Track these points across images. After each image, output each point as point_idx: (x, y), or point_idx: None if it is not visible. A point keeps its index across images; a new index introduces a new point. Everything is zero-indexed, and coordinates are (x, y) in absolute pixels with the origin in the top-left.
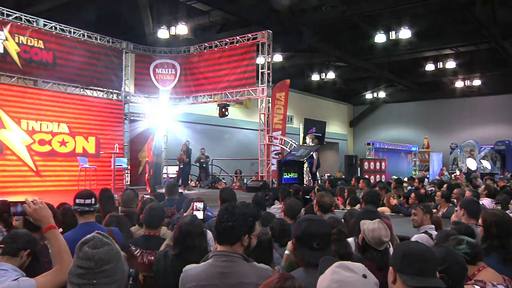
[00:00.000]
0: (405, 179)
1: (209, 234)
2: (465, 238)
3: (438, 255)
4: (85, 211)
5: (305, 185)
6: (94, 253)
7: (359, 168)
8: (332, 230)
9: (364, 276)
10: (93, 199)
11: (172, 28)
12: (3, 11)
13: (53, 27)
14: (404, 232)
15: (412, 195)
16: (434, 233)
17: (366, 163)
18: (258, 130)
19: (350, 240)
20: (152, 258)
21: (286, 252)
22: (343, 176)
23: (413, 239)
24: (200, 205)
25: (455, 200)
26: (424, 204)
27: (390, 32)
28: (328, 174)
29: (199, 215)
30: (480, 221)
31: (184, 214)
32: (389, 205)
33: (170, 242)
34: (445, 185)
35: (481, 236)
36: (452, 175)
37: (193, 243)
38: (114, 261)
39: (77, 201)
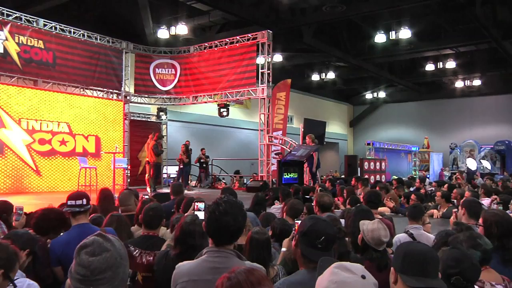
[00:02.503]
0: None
1: None
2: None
3: (452, 257)
4: (76, 212)
5: (304, 185)
6: (91, 262)
7: (359, 168)
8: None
9: (363, 276)
10: (84, 200)
11: (172, 28)
12: (3, 11)
13: (53, 27)
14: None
15: (412, 196)
16: (419, 232)
17: (366, 163)
18: (258, 130)
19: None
20: (151, 258)
21: (283, 249)
22: (343, 176)
23: (394, 238)
24: (201, 205)
25: (455, 201)
26: (410, 207)
27: (390, 32)
28: (332, 175)
29: (200, 215)
30: (480, 220)
31: (185, 214)
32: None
33: (171, 242)
34: (445, 185)
35: None
36: (453, 177)
37: (195, 242)
38: (113, 268)
39: (69, 202)
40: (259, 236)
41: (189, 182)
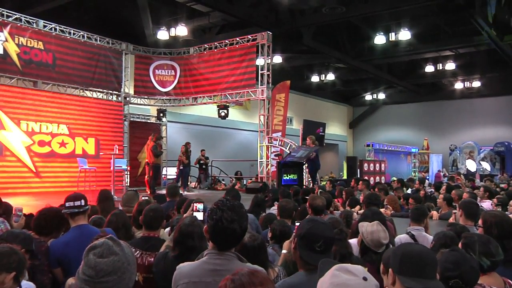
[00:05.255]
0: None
1: None
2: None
3: (451, 260)
4: (75, 213)
5: (304, 186)
6: (97, 263)
7: (358, 170)
8: (334, 230)
9: (365, 278)
10: (82, 201)
11: (172, 29)
12: (3, 12)
13: (53, 28)
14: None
15: (410, 200)
16: (420, 233)
17: (365, 165)
18: (257, 131)
19: (354, 241)
20: (152, 259)
21: (284, 251)
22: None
23: (395, 239)
24: (200, 206)
25: (456, 205)
26: (413, 209)
27: (390, 34)
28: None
29: (199, 216)
30: (480, 222)
31: (184, 215)
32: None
33: (170, 243)
34: (443, 186)
35: None
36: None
37: (194, 244)
38: (119, 272)
39: (67, 204)
40: (253, 243)
41: (188, 183)
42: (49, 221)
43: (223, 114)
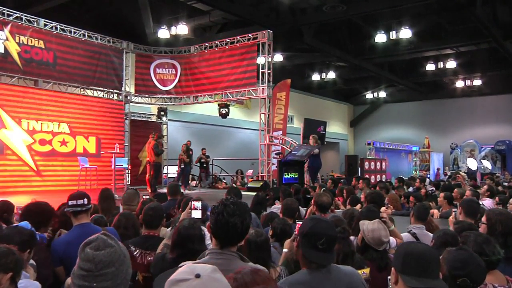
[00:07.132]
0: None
1: (207, 234)
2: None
3: (459, 258)
4: (77, 211)
5: (305, 185)
6: (95, 255)
7: (359, 168)
8: (336, 229)
9: (198, 275)
10: (85, 199)
11: (173, 28)
12: (4, 11)
13: (54, 27)
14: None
15: (411, 198)
16: (422, 232)
17: (366, 163)
18: (258, 130)
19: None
20: (151, 258)
21: (284, 250)
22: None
23: None
24: (198, 204)
25: (457, 203)
26: (416, 207)
27: (391, 32)
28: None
29: (197, 214)
30: (484, 219)
31: (182, 215)
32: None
33: (168, 241)
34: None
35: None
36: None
37: (193, 247)
38: (117, 264)
39: (70, 202)
40: (257, 238)
41: (189, 182)
42: (34, 217)
43: (224, 112)
